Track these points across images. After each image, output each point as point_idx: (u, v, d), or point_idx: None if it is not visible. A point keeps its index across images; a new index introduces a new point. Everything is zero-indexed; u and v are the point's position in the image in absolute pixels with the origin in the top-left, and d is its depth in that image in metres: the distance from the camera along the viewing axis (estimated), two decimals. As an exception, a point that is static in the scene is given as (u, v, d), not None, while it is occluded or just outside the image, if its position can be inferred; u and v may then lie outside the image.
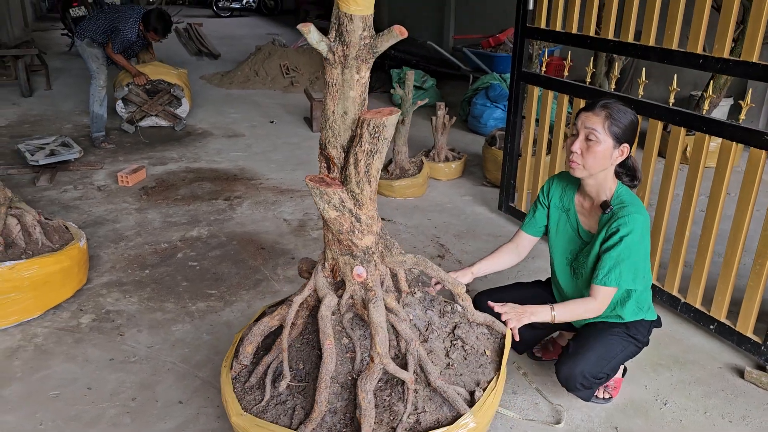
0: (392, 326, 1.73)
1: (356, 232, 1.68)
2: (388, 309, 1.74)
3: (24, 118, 6.52)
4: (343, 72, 1.50)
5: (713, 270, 2.98)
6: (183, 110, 6.25)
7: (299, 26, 1.48)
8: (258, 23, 16.77)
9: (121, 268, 3.40)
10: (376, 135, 1.50)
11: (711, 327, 2.84)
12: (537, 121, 3.92)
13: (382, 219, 4.16)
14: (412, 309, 1.81)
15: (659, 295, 3.06)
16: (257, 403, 1.78)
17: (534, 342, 2.62)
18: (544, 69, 3.70)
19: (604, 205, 2.12)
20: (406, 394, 1.67)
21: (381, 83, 8.34)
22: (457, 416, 1.69)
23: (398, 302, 1.77)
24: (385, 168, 4.63)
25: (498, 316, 2.06)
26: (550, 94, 3.65)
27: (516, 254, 2.45)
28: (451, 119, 4.87)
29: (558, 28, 3.46)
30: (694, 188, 2.81)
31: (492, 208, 4.33)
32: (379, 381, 1.71)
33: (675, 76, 2.83)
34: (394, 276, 1.81)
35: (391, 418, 1.66)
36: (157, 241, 3.74)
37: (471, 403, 1.73)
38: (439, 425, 1.67)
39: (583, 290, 2.25)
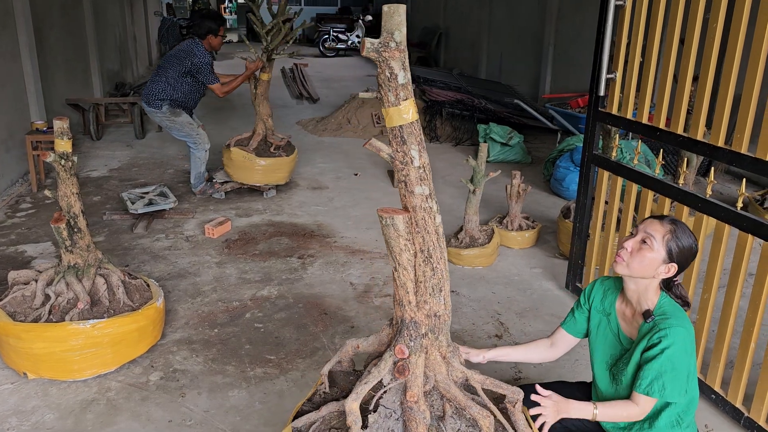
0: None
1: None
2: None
3: (134, 161, 7.13)
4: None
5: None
6: (271, 192, 6.01)
7: (365, 145, 1.74)
8: (361, 64, 17.36)
9: (193, 325, 3.66)
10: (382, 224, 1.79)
11: (775, 448, 2.67)
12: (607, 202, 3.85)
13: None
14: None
15: (722, 405, 2.91)
16: None
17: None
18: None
19: (646, 314, 2.10)
20: None
21: (468, 135, 8.42)
22: None
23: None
24: (455, 236, 4.68)
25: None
26: (620, 179, 3.59)
27: (550, 351, 2.44)
28: (527, 188, 4.86)
29: (629, 115, 3.41)
30: (760, 299, 2.67)
31: (560, 284, 4.27)
32: None
33: (744, 180, 2.73)
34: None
35: None
36: (230, 299, 3.98)
37: None
38: None
39: (621, 396, 2.21)
